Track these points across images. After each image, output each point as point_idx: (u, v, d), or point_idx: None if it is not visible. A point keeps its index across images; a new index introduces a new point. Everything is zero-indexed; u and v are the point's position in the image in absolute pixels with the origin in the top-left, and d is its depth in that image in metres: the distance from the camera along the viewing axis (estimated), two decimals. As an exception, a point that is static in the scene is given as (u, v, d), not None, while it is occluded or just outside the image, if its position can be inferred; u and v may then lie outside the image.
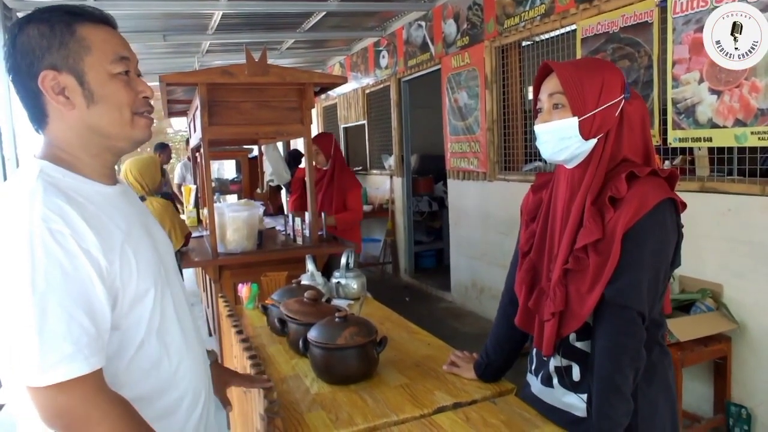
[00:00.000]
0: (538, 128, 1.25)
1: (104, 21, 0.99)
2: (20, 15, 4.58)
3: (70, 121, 0.96)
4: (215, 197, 4.84)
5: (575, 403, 1.26)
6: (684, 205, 1.20)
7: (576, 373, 1.26)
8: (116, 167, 1.11)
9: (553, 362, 1.30)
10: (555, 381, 1.30)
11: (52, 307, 0.83)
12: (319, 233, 3.50)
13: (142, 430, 0.92)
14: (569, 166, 1.25)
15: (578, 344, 1.25)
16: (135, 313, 0.97)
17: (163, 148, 7.22)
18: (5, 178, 3.75)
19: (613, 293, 1.14)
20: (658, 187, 1.15)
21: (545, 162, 4.26)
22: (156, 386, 1.01)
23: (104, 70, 0.96)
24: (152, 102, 1.05)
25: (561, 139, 1.20)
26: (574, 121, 1.18)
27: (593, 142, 1.20)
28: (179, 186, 7.07)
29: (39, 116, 0.97)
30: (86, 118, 0.96)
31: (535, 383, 1.38)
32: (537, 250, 1.31)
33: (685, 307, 2.77)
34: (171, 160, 8.45)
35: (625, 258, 1.13)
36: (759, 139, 2.55)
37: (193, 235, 3.86)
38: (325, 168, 3.99)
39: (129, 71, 0.99)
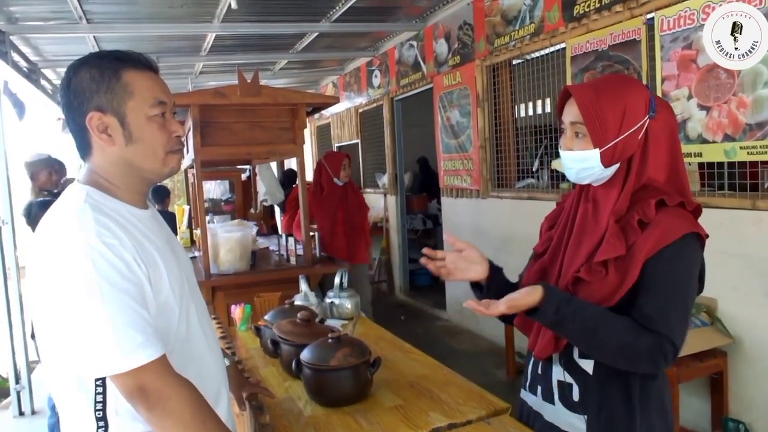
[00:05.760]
0: (562, 154, 1.26)
1: (148, 66, 1.12)
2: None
3: (110, 155, 1.09)
4: (208, 217, 4.83)
5: (576, 423, 1.24)
6: (706, 236, 1.20)
7: (576, 393, 1.24)
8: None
9: (556, 375, 1.28)
10: (556, 396, 1.28)
11: (119, 305, 0.96)
12: (312, 252, 3.48)
13: (203, 402, 1.03)
14: (594, 186, 1.26)
15: (581, 361, 1.24)
16: (161, 321, 1.06)
17: None
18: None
19: (643, 320, 1.13)
20: (684, 218, 1.16)
21: (538, 179, 4.28)
22: None
23: (143, 113, 1.08)
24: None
25: (583, 168, 1.22)
26: (595, 153, 1.19)
27: (617, 166, 1.21)
28: None
29: (84, 147, 1.11)
30: (124, 154, 1.09)
31: (530, 399, 1.36)
32: (552, 254, 1.31)
33: (680, 323, 2.76)
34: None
35: (652, 284, 1.14)
36: (748, 153, 2.57)
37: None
38: (340, 184, 4.07)
39: (165, 113, 1.11)
